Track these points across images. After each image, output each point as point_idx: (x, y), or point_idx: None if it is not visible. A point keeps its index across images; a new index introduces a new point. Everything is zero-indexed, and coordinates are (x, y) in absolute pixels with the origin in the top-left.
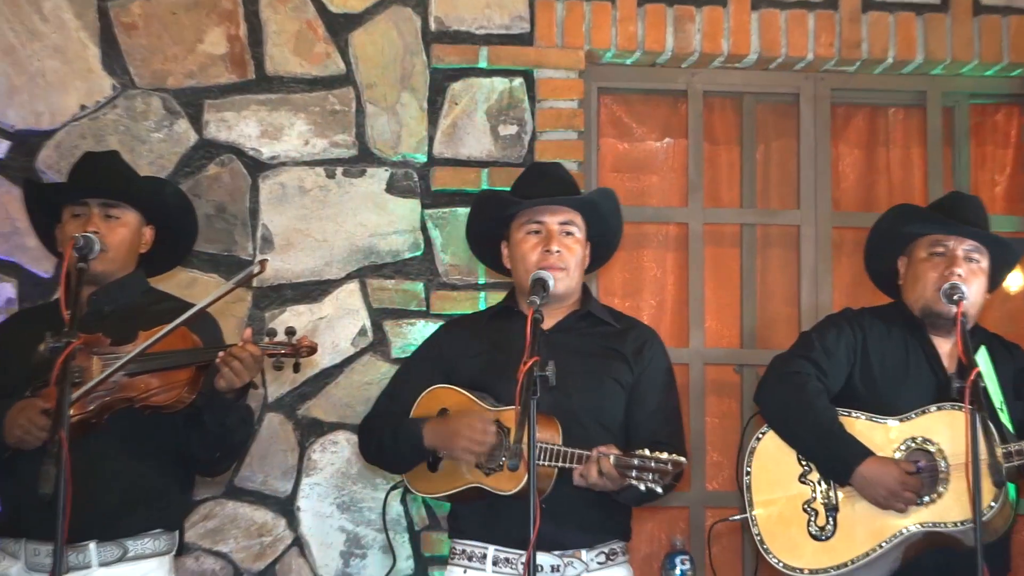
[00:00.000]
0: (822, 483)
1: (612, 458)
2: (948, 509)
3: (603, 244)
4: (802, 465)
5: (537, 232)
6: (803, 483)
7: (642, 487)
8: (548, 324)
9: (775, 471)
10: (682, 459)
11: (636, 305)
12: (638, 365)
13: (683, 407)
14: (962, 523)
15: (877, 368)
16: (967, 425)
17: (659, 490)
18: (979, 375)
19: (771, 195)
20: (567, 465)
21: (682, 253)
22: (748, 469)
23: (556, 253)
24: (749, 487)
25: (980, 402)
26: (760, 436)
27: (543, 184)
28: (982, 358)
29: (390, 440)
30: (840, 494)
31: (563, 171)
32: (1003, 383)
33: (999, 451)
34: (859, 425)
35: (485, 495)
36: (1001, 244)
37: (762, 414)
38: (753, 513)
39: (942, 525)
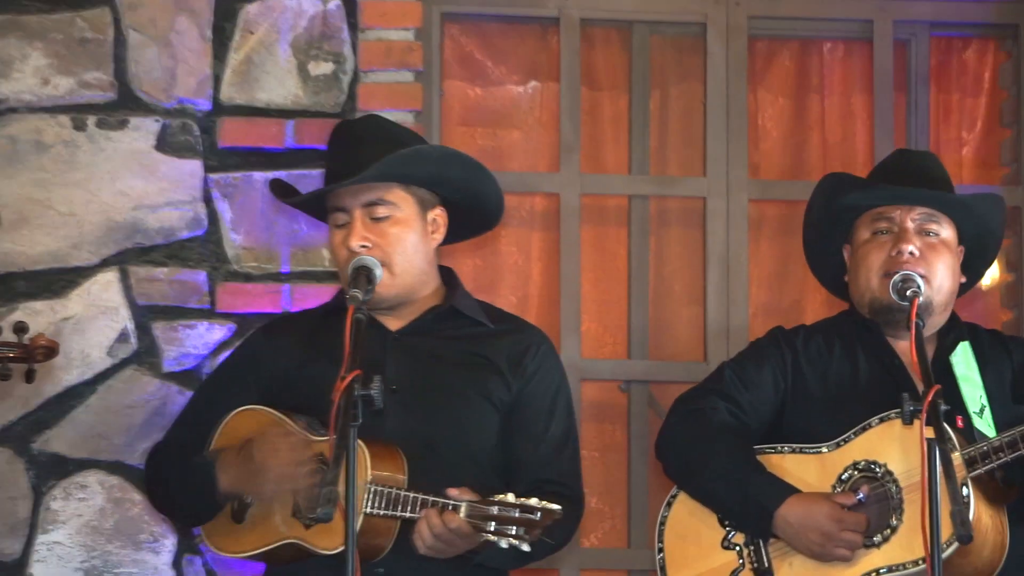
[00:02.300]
0: (749, 544)
1: (464, 508)
2: (907, 544)
3: (472, 209)
4: (724, 527)
5: (339, 225)
6: (727, 549)
7: (503, 544)
8: (397, 324)
9: (693, 541)
10: (555, 507)
11: (490, 302)
12: (518, 379)
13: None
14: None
15: (818, 394)
16: (922, 445)
17: (526, 548)
18: (939, 396)
19: (669, 158)
20: (413, 515)
21: (552, 233)
22: (660, 545)
23: (362, 248)
24: (664, 568)
25: (941, 431)
26: (671, 501)
27: (350, 149)
28: (962, 356)
29: (178, 482)
30: (770, 552)
31: (362, 129)
32: (991, 384)
33: (961, 470)
34: (787, 461)
35: (306, 555)
36: (964, 205)
37: (665, 470)
38: None
39: (902, 567)
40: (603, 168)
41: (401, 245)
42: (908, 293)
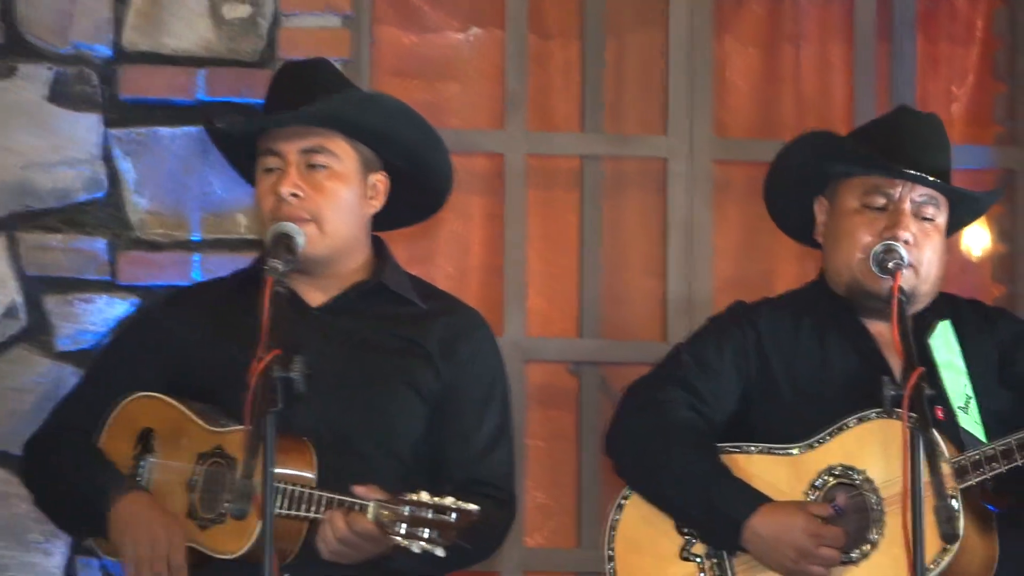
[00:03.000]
0: (711, 556)
1: (371, 508)
2: (890, 562)
3: (414, 179)
4: (683, 535)
5: (269, 170)
6: (686, 560)
7: (415, 548)
8: (319, 298)
9: (647, 550)
10: (471, 507)
11: (426, 274)
12: (449, 367)
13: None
14: None
15: (784, 383)
16: (905, 442)
17: (440, 553)
18: (923, 379)
19: (626, 114)
20: (319, 516)
21: (495, 199)
22: (611, 553)
23: (293, 197)
24: None
25: (925, 417)
26: (622, 503)
27: (293, 89)
28: (941, 339)
29: (66, 485)
30: (735, 566)
31: (310, 70)
32: (975, 369)
33: (949, 480)
34: (755, 464)
35: (201, 559)
36: (970, 199)
37: (616, 469)
38: None
39: None
40: (552, 125)
41: (336, 201)
42: (890, 266)
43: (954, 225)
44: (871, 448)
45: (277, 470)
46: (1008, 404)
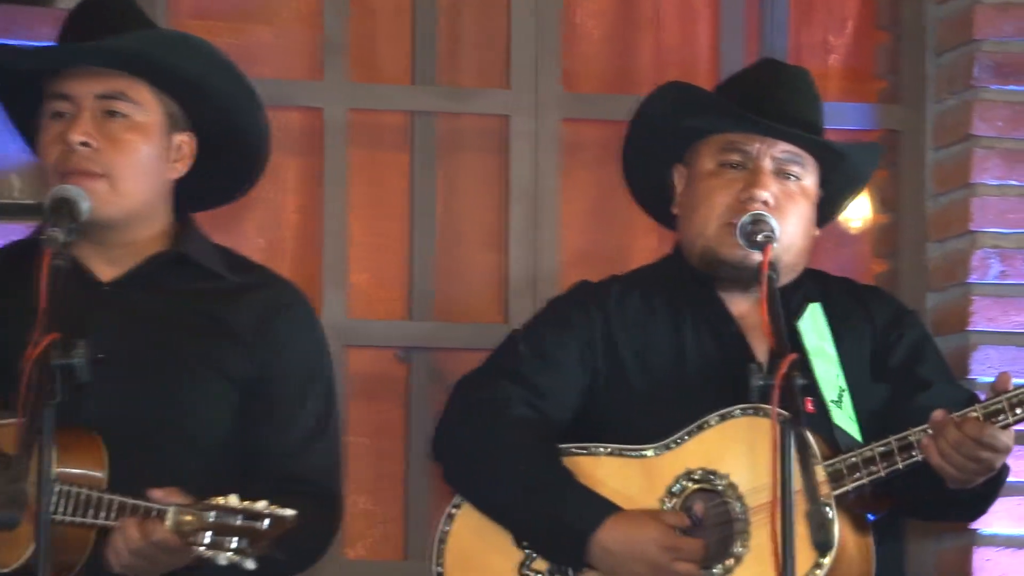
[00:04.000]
0: (553, 573)
1: (170, 514)
2: None
3: (224, 143)
4: (522, 549)
5: (58, 115)
6: None
7: (221, 560)
8: (111, 272)
9: (480, 567)
10: (287, 513)
11: (232, 246)
12: (263, 349)
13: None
14: None
15: (635, 371)
16: (775, 444)
17: (250, 565)
18: (795, 368)
19: (463, 65)
20: (110, 523)
21: (312, 159)
22: (439, 569)
23: (84, 147)
24: None
25: (798, 412)
26: (453, 512)
27: (91, 26)
28: (811, 323)
29: None
30: None
31: (114, 4)
32: (847, 360)
33: (824, 486)
34: (603, 467)
35: None
36: (839, 153)
37: (444, 476)
38: None
39: None
40: (378, 77)
41: (135, 156)
42: (759, 238)
43: (833, 196)
44: (735, 449)
45: (61, 469)
46: (882, 400)
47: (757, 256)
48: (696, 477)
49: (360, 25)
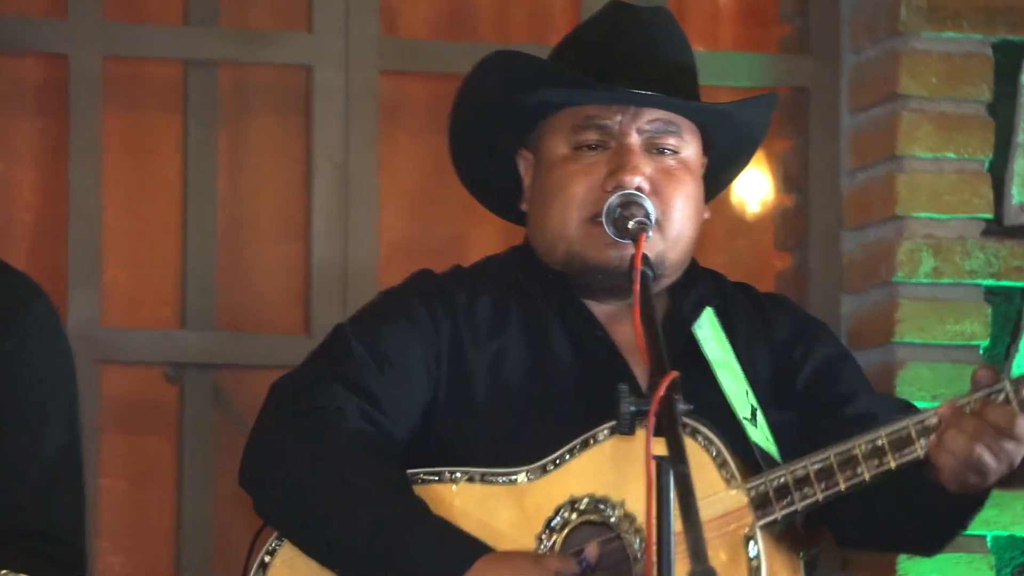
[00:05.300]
0: None
1: None
2: None
3: None
4: None
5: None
6: None
7: None
8: None
9: None
10: None
11: None
12: None
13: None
14: None
15: (482, 386)
16: (649, 479)
17: None
18: (675, 389)
19: (253, 0)
20: None
21: (55, 120)
22: None
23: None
24: None
25: (679, 444)
26: (267, 560)
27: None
28: (708, 330)
29: None
30: None
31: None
32: (752, 373)
33: (744, 514)
34: (463, 497)
35: None
36: (719, 113)
37: (257, 507)
38: None
39: None
40: (140, 14)
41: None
42: (631, 225)
43: (719, 164)
44: (629, 471)
45: None
46: (792, 429)
47: (628, 251)
48: (582, 507)
49: None
